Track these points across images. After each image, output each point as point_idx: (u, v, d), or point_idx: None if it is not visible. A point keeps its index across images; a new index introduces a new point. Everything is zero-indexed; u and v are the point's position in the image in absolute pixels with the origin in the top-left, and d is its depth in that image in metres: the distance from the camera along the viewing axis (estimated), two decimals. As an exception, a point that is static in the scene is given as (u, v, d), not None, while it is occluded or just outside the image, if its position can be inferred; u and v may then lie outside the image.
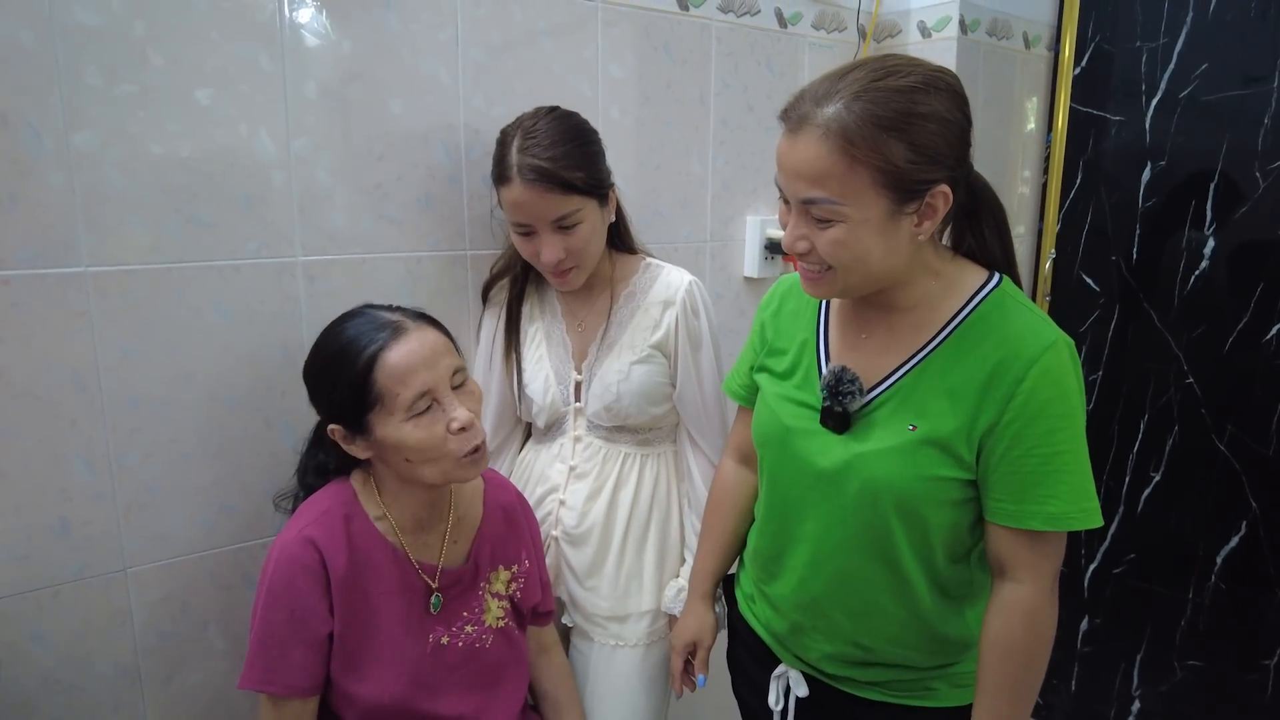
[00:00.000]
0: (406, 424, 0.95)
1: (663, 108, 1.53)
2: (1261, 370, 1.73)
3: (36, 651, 1.07)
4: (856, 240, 0.84)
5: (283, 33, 1.13)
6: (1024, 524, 0.87)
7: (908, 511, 0.90)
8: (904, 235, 0.86)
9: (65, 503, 1.06)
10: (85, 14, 0.99)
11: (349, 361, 0.96)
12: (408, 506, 1.05)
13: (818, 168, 0.82)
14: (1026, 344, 0.85)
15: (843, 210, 0.83)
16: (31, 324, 1.01)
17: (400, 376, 0.95)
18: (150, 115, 1.05)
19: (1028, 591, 0.88)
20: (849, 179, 0.81)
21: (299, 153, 1.16)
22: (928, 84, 0.82)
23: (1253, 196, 1.71)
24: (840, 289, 0.91)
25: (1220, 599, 1.85)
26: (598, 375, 1.25)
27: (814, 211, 0.84)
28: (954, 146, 0.84)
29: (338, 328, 1.01)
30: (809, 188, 0.83)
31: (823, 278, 0.90)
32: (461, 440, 0.97)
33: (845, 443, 0.93)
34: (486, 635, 1.10)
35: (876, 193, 0.82)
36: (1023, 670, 0.89)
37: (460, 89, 1.29)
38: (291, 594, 0.97)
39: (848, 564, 0.95)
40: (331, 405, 1.00)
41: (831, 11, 1.77)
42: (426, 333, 0.99)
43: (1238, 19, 1.69)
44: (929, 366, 0.91)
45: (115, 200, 1.04)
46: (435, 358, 0.97)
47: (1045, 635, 0.90)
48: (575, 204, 1.15)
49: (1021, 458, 0.85)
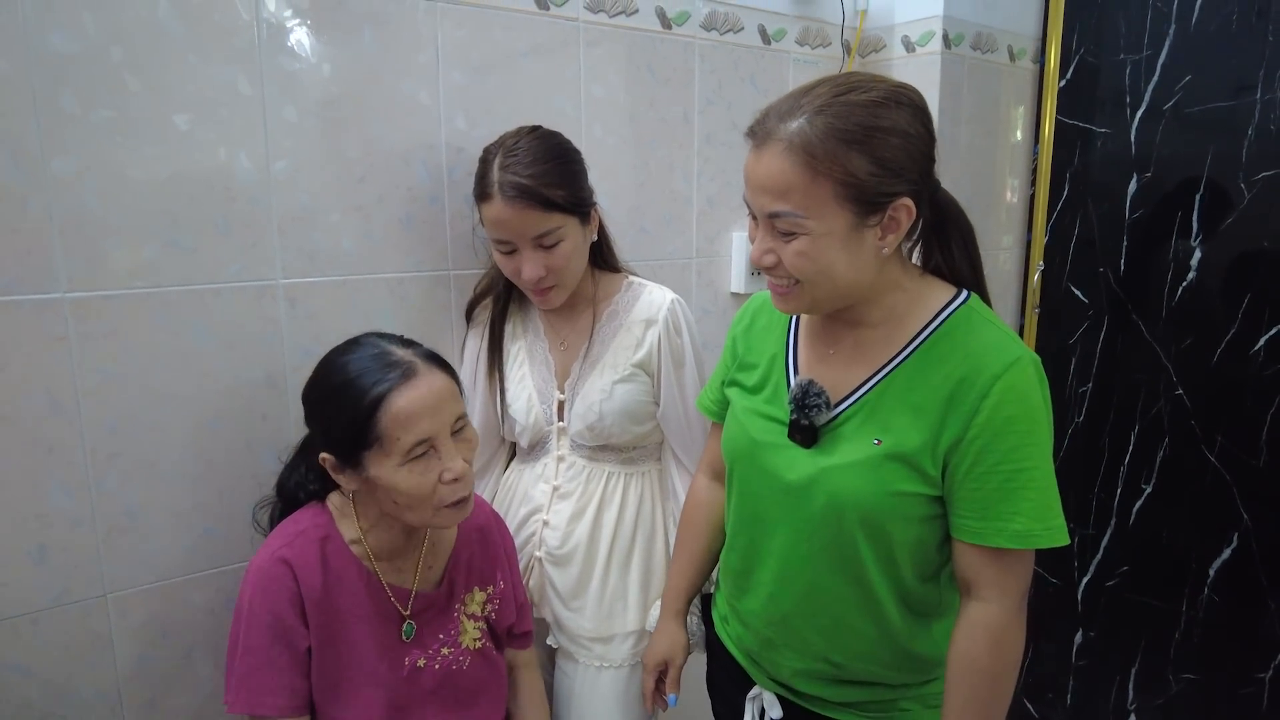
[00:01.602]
0: (402, 469, 0.95)
1: (647, 126, 1.53)
2: (1250, 381, 1.72)
3: (15, 679, 1.06)
4: (820, 253, 0.85)
5: (261, 56, 1.13)
6: (989, 541, 0.86)
7: (872, 527, 0.90)
8: (868, 249, 0.87)
9: (43, 529, 1.06)
10: (61, 41, 0.99)
11: (354, 398, 0.95)
12: (384, 535, 1.05)
13: (781, 181, 0.83)
14: (991, 360, 0.85)
15: (806, 223, 0.84)
16: (8, 350, 1.01)
17: (404, 422, 0.94)
18: (128, 140, 1.05)
19: (994, 610, 0.88)
20: (812, 191, 0.82)
21: (279, 175, 1.17)
22: (890, 99, 0.84)
23: (1238, 207, 1.72)
24: (809, 303, 0.91)
25: (1214, 611, 1.84)
26: (580, 394, 1.25)
27: (779, 225, 0.85)
28: (916, 160, 0.86)
29: (345, 358, 0.99)
30: (774, 201, 0.84)
31: (790, 292, 0.90)
32: (452, 490, 0.98)
33: (812, 457, 0.93)
34: (463, 657, 1.09)
35: (839, 205, 0.83)
36: (989, 692, 0.89)
37: (441, 110, 1.29)
38: (268, 612, 0.97)
39: (815, 579, 0.95)
40: (329, 436, 0.99)
41: (816, 27, 1.77)
42: (435, 378, 0.98)
43: (1219, 32, 1.70)
44: (894, 381, 0.91)
45: (94, 225, 1.04)
46: (440, 405, 0.97)
47: (1011, 656, 0.89)
48: (556, 221, 1.15)
49: (986, 474, 0.85)
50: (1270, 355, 1.69)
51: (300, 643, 0.98)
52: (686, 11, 1.55)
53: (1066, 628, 2.08)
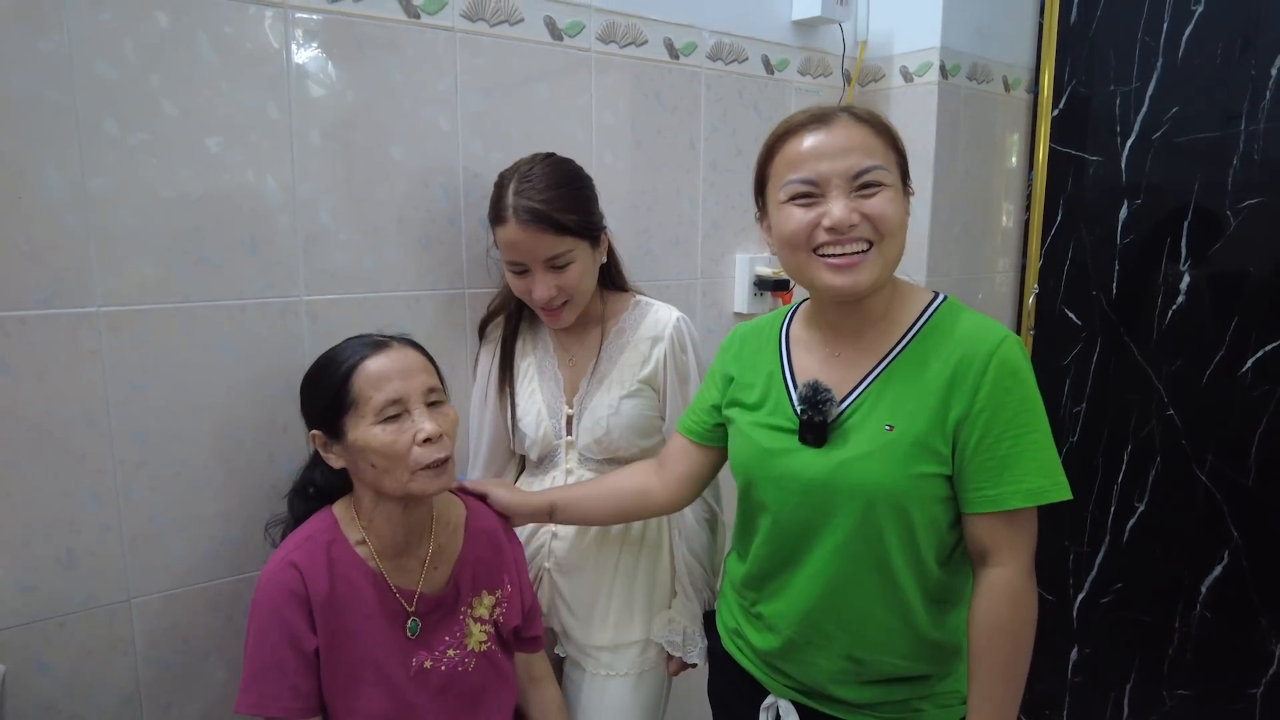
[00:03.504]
0: (375, 426, 1.01)
1: (654, 152, 1.59)
2: (1238, 402, 1.77)
3: (40, 680, 1.10)
4: (897, 205, 0.96)
5: (289, 83, 1.19)
6: (1005, 505, 0.92)
7: (897, 511, 0.95)
8: (907, 220, 0.99)
9: (73, 534, 1.10)
10: (104, 68, 1.05)
11: (333, 369, 1.04)
12: (386, 530, 1.08)
13: (865, 141, 0.95)
14: (983, 341, 0.94)
15: (888, 177, 0.95)
16: (45, 362, 1.05)
17: (374, 381, 1.01)
18: (163, 162, 1.10)
19: (1010, 572, 0.94)
20: (886, 154, 0.96)
21: (303, 196, 1.22)
22: None
23: (1226, 233, 1.77)
24: (881, 267, 0.96)
25: (1206, 628, 1.87)
26: (588, 409, 1.29)
27: (866, 178, 0.94)
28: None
29: (332, 347, 1.08)
30: (864, 158, 0.94)
31: (861, 261, 0.95)
32: (426, 450, 1.02)
33: (826, 454, 0.98)
34: (469, 659, 1.12)
35: (897, 170, 0.97)
36: (1011, 650, 0.94)
37: (459, 135, 1.35)
38: (276, 616, 1.01)
39: (842, 571, 0.99)
40: (313, 410, 1.07)
41: (817, 58, 1.84)
42: (407, 351, 1.06)
43: (1205, 65, 1.77)
44: (895, 371, 0.98)
45: (128, 243, 1.09)
46: (410, 371, 1.04)
47: (1029, 614, 0.95)
48: (567, 244, 1.19)
49: (994, 443, 0.92)
50: (1258, 376, 1.74)
51: (308, 645, 1.02)
52: (693, 42, 1.62)
53: (1062, 644, 2.11)
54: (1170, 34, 1.81)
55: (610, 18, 1.49)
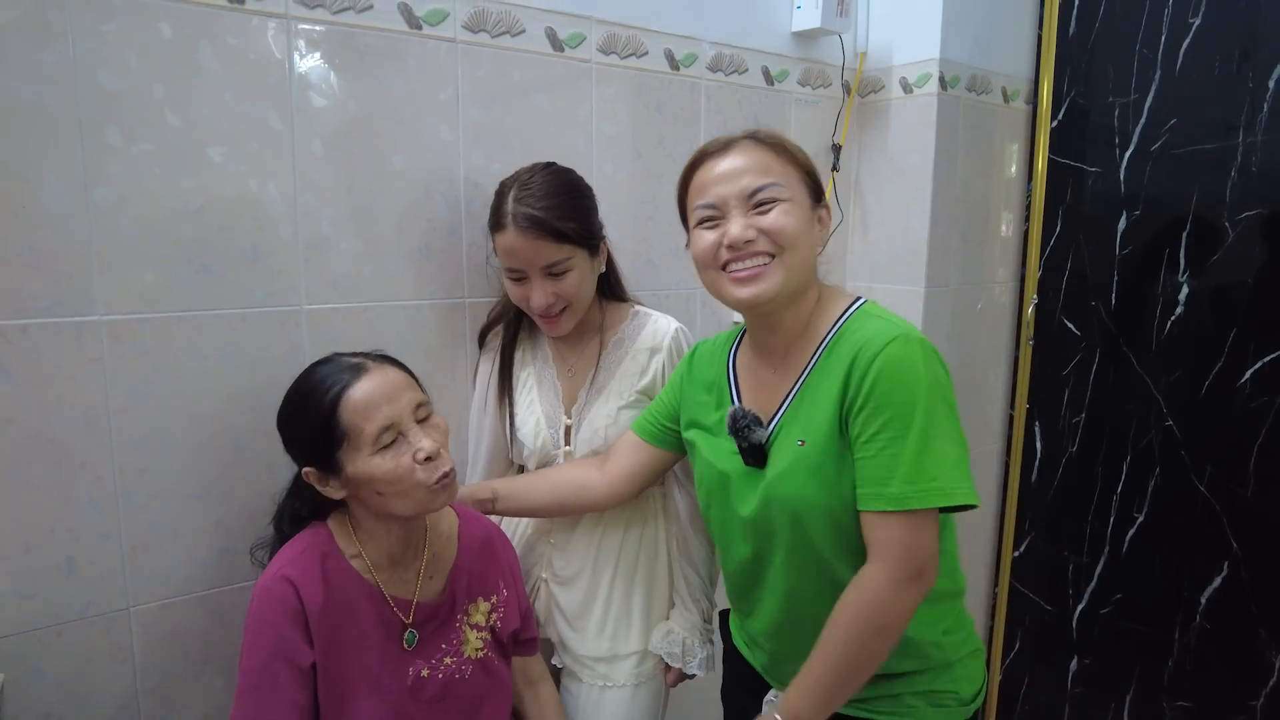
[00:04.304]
0: (374, 457, 0.99)
1: (654, 162, 1.60)
2: (1237, 413, 1.77)
3: (38, 688, 1.10)
4: (799, 219, 1.00)
5: (292, 93, 1.19)
6: (871, 505, 0.93)
7: (826, 520, 0.97)
8: (814, 238, 1.03)
9: (73, 542, 1.10)
10: (108, 78, 1.06)
11: (315, 403, 1.01)
12: (382, 543, 1.08)
13: (760, 162, 1.01)
14: (873, 342, 0.95)
15: (785, 191, 1.00)
16: (47, 370, 1.05)
17: (363, 411, 0.99)
18: (165, 171, 1.11)
19: (875, 571, 0.93)
20: (785, 171, 1.02)
21: (305, 206, 1.22)
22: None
23: (1224, 244, 1.78)
24: (783, 276, 1.00)
25: (1206, 639, 1.87)
26: (586, 419, 1.29)
27: (760, 197, 0.99)
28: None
29: (304, 375, 1.05)
30: (757, 178, 1.00)
31: (764, 270, 1.00)
32: (429, 469, 1.01)
33: (759, 479, 1.02)
34: (466, 666, 1.12)
35: (802, 186, 1.03)
36: (844, 642, 0.94)
37: (460, 145, 1.36)
38: (271, 630, 1.00)
39: (793, 586, 1.03)
40: (303, 448, 1.04)
41: (817, 69, 1.85)
42: (387, 371, 1.04)
43: (1203, 77, 1.77)
44: (808, 384, 1.01)
45: (130, 252, 1.09)
46: (396, 393, 1.02)
47: (882, 620, 0.92)
48: (565, 252, 1.20)
49: (868, 442, 0.93)
50: (1256, 387, 1.74)
51: (303, 659, 1.01)
52: (694, 54, 1.62)
53: (1062, 655, 2.11)
54: (1168, 46, 1.81)
55: (611, 29, 1.50)
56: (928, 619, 1.02)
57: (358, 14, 1.23)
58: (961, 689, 1.05)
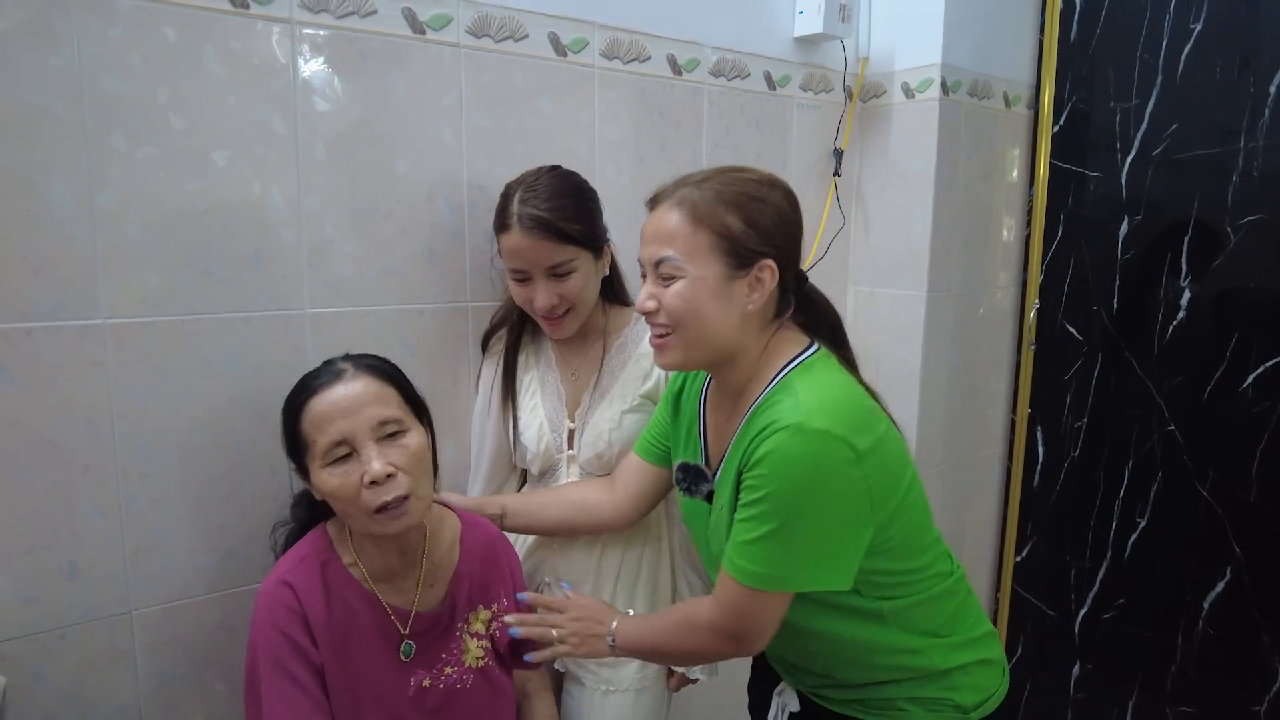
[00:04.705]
0: (324, 470, 0.98)
1: (657, 167, 1.60)
2: (1239, 418, 1.77)
3: (40, 693, 1.09)
4: (695, 294, 0.96)
5: (295, 97, 1.20)
6: (726, 565, 0.97)
7: None
8: (737, 302, 0.98)
9: (75, 546, 1.10)
10: (113, 83, 1.06)
11: (289, 405, 1.02)
12: (375, 554, 1.07)
13: (667, 231, 0.97)
14: (772, 425, 0.92)
15: (685, 268, 0.96)
16: (50, 373, 1.05)
17: (318, 423, 0.98)
18: (170, 175, 1.11)
19: (708, 611, 1.00)
20: (692, 241, 0.96)
21: (309, 210, 1.22)
22: (768, 182, 1.00)
23: (1226, 249, 1.78)
24: (682, 353, 1.00)
25: (1209, 645, 1.87)
26: (590, 423, 1.29)
27: (662, 270, 0.98)
28: (783, 233, 0.99)
29: (307, 374, 1.06)
30: (660, 248, 0.98)
31: (665, 342, 1.00)
32: (374, 494, 0.97)
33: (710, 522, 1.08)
34: (467, 676, 1.11)
35: (715, 255, 0.96)
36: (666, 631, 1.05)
37: (464, 150, 1.36)
38: (280, 633, 1.00)
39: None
40: (285, 445, 1.05)
41: (819, 74, 1.85)
42: (359, 382, 1.00)
43: (1204, 82, 1.78)
44: (737, 440, 1.00)
45: (134, 255, 1.09)
46: (357, 407, 0.98)
47: (690, 641, 1.02)
48: (570, 254, 1.20)
49: (741, 511, 0.96)
50: (1259, 392, 1.75)
51: (315, 658, 1.01)
52: (696, 59, 1.63)
53: (1064, 660, 2.11)
54: (1169, 51, 1.82)
55: (614, 34, 1.50)
56: (898, 625, 1.03)
57: (361, 19, 1.23)
58: (960, 697, 1.04)
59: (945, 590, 1.06)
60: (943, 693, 1.04)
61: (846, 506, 0.92)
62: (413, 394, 1.08)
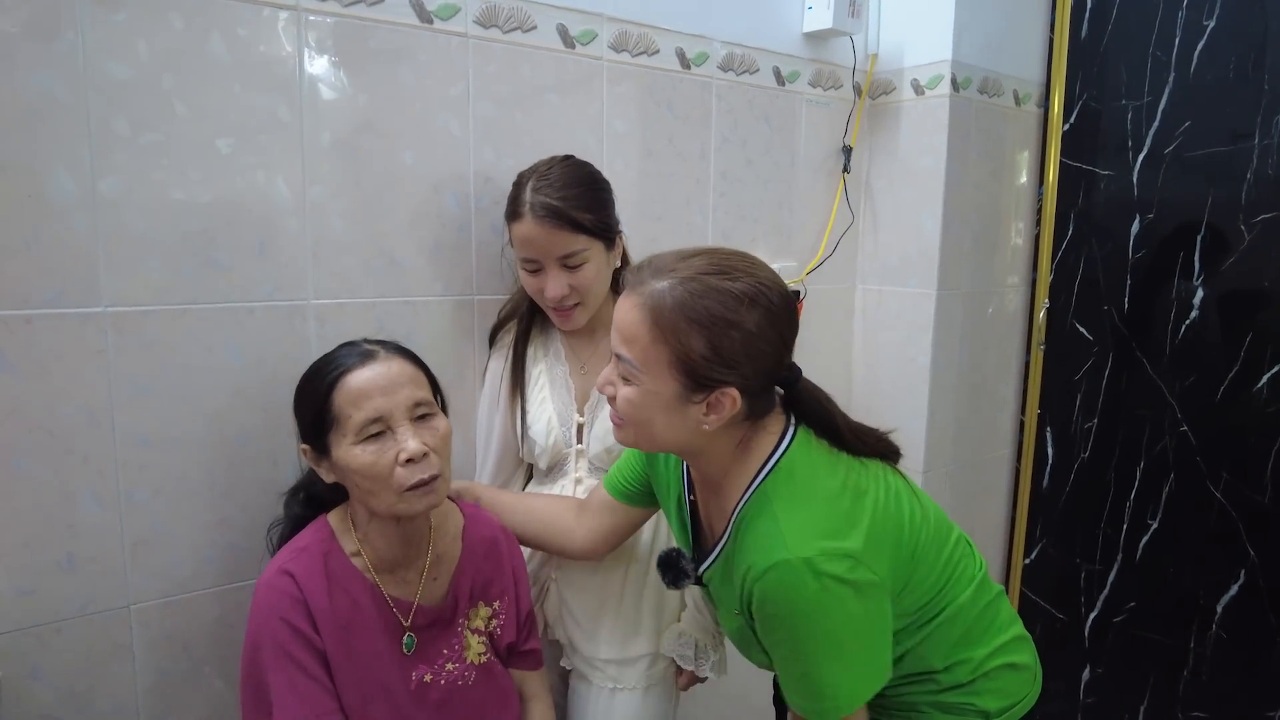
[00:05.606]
0: (356, 447, 0.98)
1: (665, 161, 1.58)
2: (1253, 419, 1.75)
3: (36, 688, 1.08)
4: (644, 404, 0.91)
5: (301, 86, 1.18)
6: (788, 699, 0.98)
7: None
8: (691, 420, 0.92)
9: (73, 538, 1.08)
10: (117, 68, 1.04)
11: (317, 382, 1.01)
12: (381, 543, 1.05)
13: (630, 331, 0.90)
14: (755, 565, 0.90)
15: (640, 376, 0.90)
16: (50, 361, 1.04)
17: (354, 399, 0.98)
18: (173, 163, 1.09)
19: None
20: (650, 351, 0.89)
21: (314, 200, 1.21)
22: (750, 295, 0.88)
23: (1238, 249, 1.76)
24: (632, 441, 0.98)
25: (1222, 648, 1.84)
26: (599, 418, 1.27)
27: (620, 368, 0.93)
28: (753, 359, 0.89)
29: (324, 354, 1.05)
30: (620, 345, 0.92)
31: (619, 426, 0.98)
32: (409, 471, 0.98)
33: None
34: (469, 672, 1.10)
35: (670, 372, 0.89)
36: None
37: (471, 141, 1.34)
38: (283, 622, 0.98)
39: None
40: (302, 424, 1.04)
41: (828, 70, 1.84)
42: (394, 362, 1.02)
43: (1217, 80, 1.76)
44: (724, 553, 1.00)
45: (136, 243, 1.08)
46: (394, 386, 1.00)
47: None
48: (582, 243, 1.19)
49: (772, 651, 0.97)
50: (1273, 393, 1.72)
51: (319, 645, 0.99)
52: (705, 53, 1.62)
53: (1074, 664, 2.08)
54: (1182, 49, 1.80)
55: (623, 27, 1.49)
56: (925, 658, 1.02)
57: (369, 7, 1.22)
58: (983, 702, 1.02)
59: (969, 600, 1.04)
60: (966, 698, 1.02)
61: (862, 608, 0.90)
62: (436, 382, 1.08)
